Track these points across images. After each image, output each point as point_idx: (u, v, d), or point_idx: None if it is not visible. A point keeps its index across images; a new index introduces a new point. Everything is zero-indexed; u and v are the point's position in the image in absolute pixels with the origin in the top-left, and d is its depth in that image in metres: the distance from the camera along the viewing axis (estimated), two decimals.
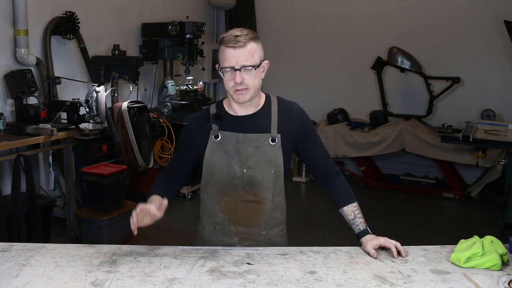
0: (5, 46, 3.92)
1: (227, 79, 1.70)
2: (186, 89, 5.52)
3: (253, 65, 1.68)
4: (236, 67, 1.66)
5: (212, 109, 1.84)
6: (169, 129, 4.97)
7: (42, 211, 3.64)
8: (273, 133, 1.77)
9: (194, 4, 6.44)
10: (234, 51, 1.66)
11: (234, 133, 1.77)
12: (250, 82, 1.69)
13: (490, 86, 5.68)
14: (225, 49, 1.68)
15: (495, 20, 5.42)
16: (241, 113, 1.80)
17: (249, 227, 1.82)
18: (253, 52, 1.69)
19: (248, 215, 1.80)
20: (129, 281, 1.46)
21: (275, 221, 1.86)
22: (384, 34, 6.00)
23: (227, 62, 1.67)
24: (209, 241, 1.86)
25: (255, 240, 1.82)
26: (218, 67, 1.74)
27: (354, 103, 6.25)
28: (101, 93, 3.90)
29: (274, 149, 1.77)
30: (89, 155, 4.18)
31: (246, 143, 1.76)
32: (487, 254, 1.61)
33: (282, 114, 1.80)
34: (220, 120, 1.79)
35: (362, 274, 1.55)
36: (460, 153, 5.22)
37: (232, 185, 1.78)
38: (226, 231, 1.83)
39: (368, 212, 1.78)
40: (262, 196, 1.79)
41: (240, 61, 1.66)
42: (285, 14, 6.56)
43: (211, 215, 1.85)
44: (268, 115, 1.79)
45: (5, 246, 1.69)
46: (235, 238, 1.83)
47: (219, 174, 1.78)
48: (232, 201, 1.80)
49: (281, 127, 1.78)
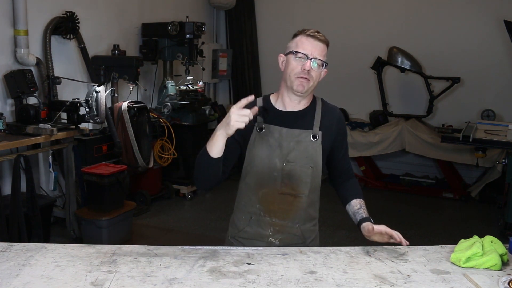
0: (5, 46, 3.92)
1: (296, 64, 1.78)
2: (186, 89, 5.53)
3: (323, 61, 1.80)
4: (310, 56, 1.77)
5: (259, 102, 1.89)
6: (169, 129, 4.97)
7: (42, 211, 3.64)
8: (315, 130, 1.84)
9: (194, 4, 6.44)
10: (314, 41, 1.78)
11: (278, 127, 1.82)
12: (313, 76, 1.79)
13: (490, 86, 5.68)
14: (304, 37, 1.79)
15: (495, 20, 5.42)
16: (289, 108, 1.86)
17: (284, 219, 1.86)
18: (326, 52, 1.83)
19: (284, 207, 1.85)
20: (129, 281, 1.46)
21: (309, 216, 1.91)
22: (384, 34, 6.00)
23: (302, 49, 1.77)
24: (243, 230, 1.90)
25: (288, 233, 1.87)
26: (285, 53, 1.82)
27: (354, 103, 6.25)
28: (101, 93, 3.90)
29: (315, 145, 1.84)
30: (89, 155, 4.18)
31: (289, 137, 1.83)
32: (487, 254, 1.60)
33: (325, 114, 1.89)
34: (267, 113, 1.84)
35: (362, 274, 1.55)
36: (460, 153, 5.22)
37: (271, 177, 1.83)
38: (261, 222, 1.87)
39: (368, 212, 1.79)
40: (299, 190, 1.85)
41: (315, 52, 1.78)
42: (285, 14, 6.57)
43: (248, 205, 1.89)
44: (312, 113, 1.87)
45: (5, 246, 1.69)
46: (269, 229, 1.87)
47: (259, 165, 1.84)
48: (270, 192, 1.85)
49: (323, 125, 1.86)
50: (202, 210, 5.03)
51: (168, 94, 5.40)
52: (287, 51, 1.84)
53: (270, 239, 1.86)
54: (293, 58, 1.78)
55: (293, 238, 1.87)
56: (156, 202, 4.98)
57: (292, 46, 1.81)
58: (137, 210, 4.41)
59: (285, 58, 1.84)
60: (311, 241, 1.92)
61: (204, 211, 4.96)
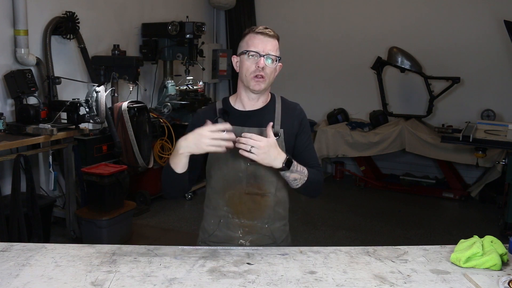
0: (5, 46, 3.92)
1: (250, 63, 1.77)
2: (186, 89, 5.53)
3: (277, 56, 1.79)
4: (262, 53, 1.76)
5: (219, 105, 1.90)
6: (169, 129, 4.97)
7: (42, 211, 3.64)
8: (277, 128, 1.83)
9: (194, 4, 6.44)
10: (263, 38, 1.77)
11: (239, 127, 1.81)
12: (268, 72, 1.78)
13: (490, 86, 5.68)
14: (254, 35, 1.78)
15: (495, 20, 5.42)
16: (248, 107, 1.86)
17: (253, 219, 1.85)
18: (277, 47, 1.81)
19: (252, 207, 1.84)
20: (129, 281, 1.46)
21: (278, 215, 1.90)
22: (384, 34, 6.00)
23: (253, 47, 1.77)
24: (213, 235, 1.89)
25: (258, 233, 1.86)
26: (238, 54, 1.82)
27: (354, 103, 6.25)
28: (101, 93, 3.90)
29: (277, 143, 1.79)
30: (89, 155, 4.18)
31: None
32: (487, 254, 1.60)
33: (286, 112, 1.87)
34: (227, 115, 1.84)
35: (362, 274, 1.55)
36: (460, 153, 5.22)
37: (237, 178, 1.83)
38: (230, 224, 1.86)
39: (368, 212, 1.79)
40: (265, 189, 1.84)
41: (267, 49, 1.76)
42: (285, 14, 6.57)
43: (216, 208, 1.88)
44: (272, 111, 1.86)
45: (5, 246, 1.69)
46: (239, 231, 1.86)
47: (223, 167, 1.83)
48: (236, 193, 1.84)
49: (284, 123, 1.85)
50: (202, 210, 5.01)
51: (168, 94, 5.40)
52: (239, 51, 1.83)
53: (241, 241, 1.85)
54: (246, 57, 1.78)
55: (264, 238, 1.86)
56: (156, 202, 4.97)
57: (243, 46, 1.81)
58: (137, 210, 4.41)
59: (239, 59, 1.83)
60: (282, 241, 1.91)
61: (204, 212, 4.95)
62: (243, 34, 1.84)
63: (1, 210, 3.30)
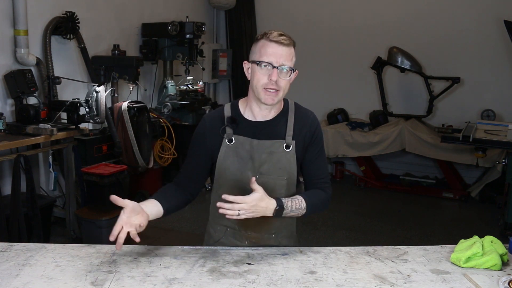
0: (5, 46, 3.92)
1: (262, 75, 1.64)
2: (186, 89, 5.53)
3: (291, 67, 1.65)
4: (275, 65, 1.62)
5: (227, 111, 1.78)
6: (169, 129, 4.97)
7: (42, 211, 3.64)
8: (288, 140, 1.73)
9: (194, 4, 6.44)
10: (278, 47, 1.62)
11: (249, 138, 1.72)
12: (282, 85, 1.65)
13: (490, 86, 5.68)
14: (268, 43, 1.63)
15: (495, 20, 5.41)
16: (259, 118, 1.74)
17: (260, 232, 1.80)
18: (293, 56, 1.67)
19: (259, 220, 1.71)
20: (129, 281, 1.46)
21: (285, 223, 1.84)
22: (384, 34, 6.00)
23: (266, 57, 1.62)
24: (219, 242, 1.84)
25: (266, 244, 1.81)
26: (250, 61, 1.69)
27: (354, 103, 6.25)
28: (101, 93, 3.90)
29: (288, 155, 1.74)
30: (89, 155, 4.18)
31: (260, 149, 1.73)
32: (487, 254, 1.60)
33: (298, 121, 1.76)
34: (235, 125, 1.74)
35: (362, 274, 1.55)
36: (460, 153, 5.22)
37: (245, 191, 1.68)
38: (237, 235, 1.82)
39: (368, 212, 1.79)
40: None
41: (281, 60, 1.62)
42: (285, 14, 6.57)
43: (222, 218, 1.73)
44: (285, 121, 1.75)
45: (5, 246, 1.69)
46: (245, 241, 1.82)
47: (231, 179, 1.75)
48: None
49: (296, 133, 1.75)
50: (202, 210, 4.98)
51: (168, 94, 5.40)
52: (251, 57, 1.69)
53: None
54: (258, 68, 1.64)
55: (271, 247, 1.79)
56: None
57: (255, 53, 1.66)
58: None
59: (250, 66, 1.69)
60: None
61: (204, 211, 4.91)
62: (256, 38, 1.70)
63: (1, 210, 3.30)
